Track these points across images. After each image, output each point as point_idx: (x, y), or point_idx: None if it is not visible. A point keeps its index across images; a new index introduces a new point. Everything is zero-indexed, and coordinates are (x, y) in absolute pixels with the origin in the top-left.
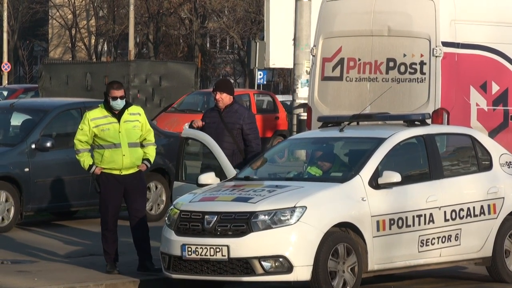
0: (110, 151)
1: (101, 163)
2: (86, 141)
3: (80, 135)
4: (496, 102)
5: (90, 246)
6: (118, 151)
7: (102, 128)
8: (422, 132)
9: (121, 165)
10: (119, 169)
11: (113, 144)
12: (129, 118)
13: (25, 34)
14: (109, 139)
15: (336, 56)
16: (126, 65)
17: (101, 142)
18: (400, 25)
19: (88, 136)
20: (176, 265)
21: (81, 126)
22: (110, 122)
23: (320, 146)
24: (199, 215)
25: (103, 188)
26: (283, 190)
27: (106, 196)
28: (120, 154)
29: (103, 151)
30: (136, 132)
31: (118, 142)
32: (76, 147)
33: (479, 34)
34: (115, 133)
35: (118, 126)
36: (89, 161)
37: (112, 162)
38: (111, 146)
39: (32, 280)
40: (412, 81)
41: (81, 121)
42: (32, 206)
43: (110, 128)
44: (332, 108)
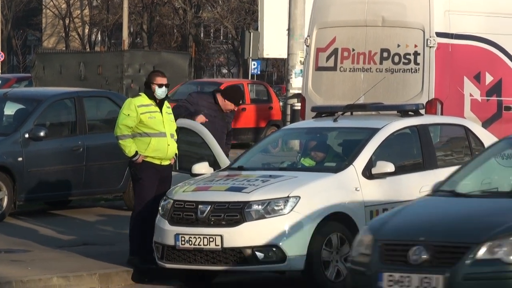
0: (157, 139)
1: (145, 151)
2: (132, 127)
3: (128, 120)
4: (490, 93)
5: (84, 236)
6: (163, 140)
7: (149, 115)
8: (416, 123)
9: (165, 154)
10: (161, 158)
11: (159, 132)
12: (168, 110)
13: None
14: (156, 127)
15: (330, 46)
16: (120, 55)
17: (147, 130)
18: (394, 16)
19: (135, 123)
20: (169, 254)
21: (127, 112)
22: (155, 110)
23: (314, 136)
24: (193, 204)
25: (144, 175)
26: (277, 180)
27: (147, 184)
28: (166, 143)
29: (150, 139)
30: (173, 124)
31: (164, 132)
32: (122, 132)
33: (473, 24)
34: (160, 122)
35: (161, 116)
36: (135, 148)
37: (158, 150)
38: (158, 134)
39: (26, 270)
40: (406, 72)
41: (125, 107)
42: (26, 195)
43: (156, 116)
44: (326, 98)
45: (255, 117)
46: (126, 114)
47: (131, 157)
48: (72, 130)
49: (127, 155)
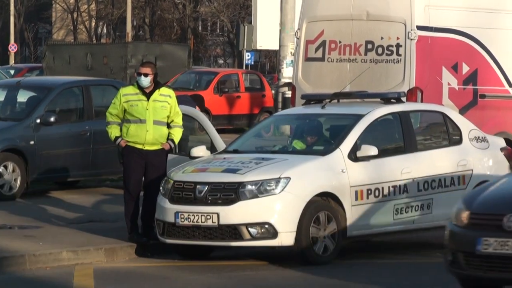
0: (136, 126)
1: (126, 136)
2: (116, 114)
3: (111, 108)
4: (466, 82)
5: (90, 213)
6: (142, 126)
7: (131, 103)
8: (398, 109)
9: (144, 140)
10: (142, 143)
11: (139, 119)
12: (159, 98)
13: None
14: (136, 115)
15: (318, 38)
16: (124, 46)
17: (129, 117)
18: (378, 10)
19: (119, 110)
20: (170, 230)
21: (114, 101)
22: (140, 99)
23: (303, 122)
24: (191, 185)
25: (126, 159)
26: (269, 162)
27: (128, 167)
28: (144, 129)
29: (129, 125)
30: (163, 111)
31: (144, 119)
32: (107, 119)
33: (451, 18)
34: (142, 110)
35: (146, 104)
36: (116, 133)
37: (136, 136)
38: (137, 121)
39: (37, 244)
40: (389, 62)
41: (115, 96)
42: (37, 176)
43: (139, 104)
44: (314, 87)
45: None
46: (113, 102)
47: (113, 141)
48: (80, 116)
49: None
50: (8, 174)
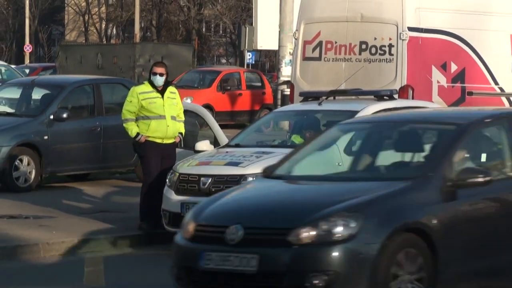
0: (156, 121)
1: (147, 131)
2: (134, 112)
3: (129, 106)
4: (455, 80)
5: (101, 204)
6: (163, 122)
7: (149, 101)
8: (390, 106)
9: (165, 134)
10: (162, 138)
11: (158, 115)
12: (170, 96)
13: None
14: (156, 111)
15: (315, 39)
16: (132, 47)
17: (148, 113)
18: (372, 12)
19: (137, 108)
20: (175, 220)
21: (130, 99)
22: (156, 96)
23: (301, 118)
24: (196, 177)
25: (148, 153)
26: (269, 156)
27: (150, 161)
28: (165, 125)
29: (150, 121)
30: (175, 108)
31: (163, 115)
32: (125, 116)
33: (441, 20)
34: (160, 107)
35: (162, 101)
36: (136, 130)
37: (157, 131)
38: (157, 117)
39: (51, 233)
40: (382, 61)
41: (129, 95)
42: (51, 169)
43: (156, 101)
44: (312, 85)
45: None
46: (129, 100)
47: (133, 137)
48: (91, 112)
49: (130, 136)
50: (23, 167)
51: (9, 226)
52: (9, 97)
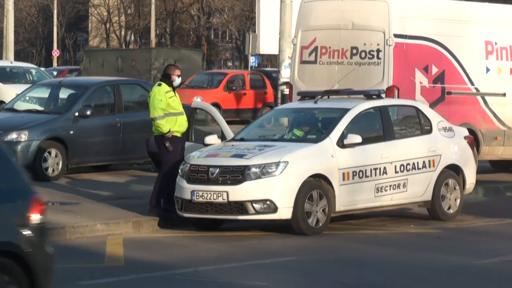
0: (181, 117)
1: (174, 127)
2: (163, 109)
3: (161, 105)
4: (435, 81)
5: (121, 192)
6: (184, 117)
7: (173, 99)
8: (378, 104)
9: (185, 128)
10: (182, 131)
11: (180, 112)
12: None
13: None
14: (177, 108)
15: (311, 44)
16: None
17: (172, 110)
18: (361, 21)
19: (165, 106)
20: (187, 206)
21: (160, 98)
22: (174, 95)
23: (299, 115)
24: (205, 168)
25: (175, 146)
26: (270, 148)
27: (175, 152)
28: (185, 119)
29: (176, 118)
30: None
31: (182, 111)
32: (158, 113)
33: (423, 28)
34: (179, 104)
35: (178, 99)
36: (168, 126)
37: (182, 125)
38: (180, 113)
39: (76, 218)
40: (371, 65)
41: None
42: (76, 160)
43: (176, 100)
44: (308, 85)
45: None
46: (159, 99)
47: (166, 132)
48: (112, 110)
49: (163, 131)
50: (51, 158)
51: None
52: (39, 96)
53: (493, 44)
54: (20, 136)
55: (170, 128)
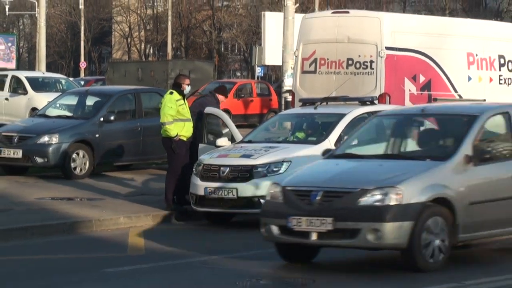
0: (188, 123)
1: (181, 131)
2: (173, 116)
3: (171, 111)
4: (423, 89)
5: (141, 189)
6: (191, 123)
7: (182, 107)
8: (371, 110)
9: (191, 133)
10: (188, 136)
11: (188, 119)
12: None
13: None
14: (186, 115)
15: (311, 56)
16: (166, 63)
17: (181, 116)
18: (356, 35)
19: (175, 112)
20: (200, 201)
21: (170, 105)
22: (184, 103)
23: (301, 119)
24: (217, 167)
25: (180, 150)
26: (275, 149)
27: (181, 155)
28: (191, 125)
29: (184, 124)
30: None
31: (190, 118)
32: (167, 119)
33: (411, 41)
34: (187, 111)
35: (187, 107)
36: (176, 130)
37: (188, 131)
38: (187, 120)
39: (101, 212)
40: (364, 74)
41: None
42: (101, 160)
43: (185, 107)
44: (309, 93)
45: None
46: (169, 106)
47: (173, 136)
48: (133, 115)
49: (170, 135)
50: (79, 159)
51: (68, 206)
52: (68, 103)
53: (474, 55)
54: (51, 139)
55: (177, 133)
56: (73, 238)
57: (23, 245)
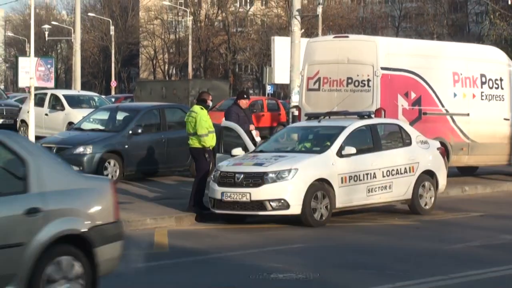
0: (213, 134)
1: (211, 142)
2: (207, 128)
3: (207, 124)
4: (414, 104)
5: (166, 193)
6: (214, 134)
7: (210, 120)
8: (369, 123)
9: (215, 143)
10: (214, 146)
11: (213, 130)
12: None
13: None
14: (211, 128)
15: (315, 76)
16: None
17: (210, 129)
18: (355, 57)
19: (208, 125)
20: (218, 204)
21: (205, 119)
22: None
23: (306, 131)
24: (232, 174)
25: (210, 158)
26: (284, 158)
27: (210, 162)
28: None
29: (212, 135)
30: None
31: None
32: (205, 131)
33: (404, 62)
34: (211, 124)
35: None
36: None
37: (214, 141)
38: (213, 131)
39: (130, 214)
40: (362, 91)
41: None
42: (130, 168)
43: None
44: (313, 108)
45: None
46: (205, 120)
47: (208, 146)
48: (158, 128)
49: (206, 145)
50: (110, 167)
51: None
52: (100, 118)
53: (459, 74)
54: (86, 149)
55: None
56: None
57: None
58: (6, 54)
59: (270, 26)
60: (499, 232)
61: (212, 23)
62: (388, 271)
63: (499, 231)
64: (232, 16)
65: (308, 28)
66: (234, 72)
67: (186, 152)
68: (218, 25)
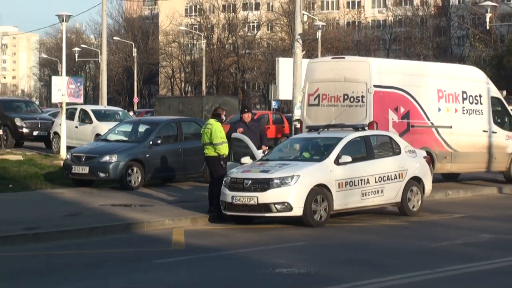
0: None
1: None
2: (222, 138)
3: (222, 135)
4: (403, 118)
5: (182, 197)
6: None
7: (223, 131)
8: (363, 134)
9: (228, 152)
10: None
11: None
12: None
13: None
14: (225, 138)
15: (315, 93)
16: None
17: (224, 139)
18: (351, 76)
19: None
20: (228, 207)
21: (220, 130)
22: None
23: (307, 142)
24: (241, 180)
25: (225, 164)
26: (287, 166)
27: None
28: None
29: (226, 144)
30: None
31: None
32: (220, 140)
33: (394, 80)
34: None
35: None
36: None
37: (227, 150)
38: (226, 142)
39: (151, 215)
40: (357, 106)
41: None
42: (150, 175)
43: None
44: (313, 121)
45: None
46: (220, 131)
47: (222, 154)
48: (175, 139)
49: (221, 153)
50: (134, 174)
51: (124, 211)
52: (124, 130)
53: (443, 91)
54: (111, 158)
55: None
56: (128, 236)
57: (88, 242)
58: (41, 74)
59: (275, 48)
60: (479, 232)
61: (223, 45)
62: (380, 266)
63: (479, 231)
64: (241, 39)
65: (309, 50)
66: (243, 89)
67: (200, 160)
68: (228, 48)
